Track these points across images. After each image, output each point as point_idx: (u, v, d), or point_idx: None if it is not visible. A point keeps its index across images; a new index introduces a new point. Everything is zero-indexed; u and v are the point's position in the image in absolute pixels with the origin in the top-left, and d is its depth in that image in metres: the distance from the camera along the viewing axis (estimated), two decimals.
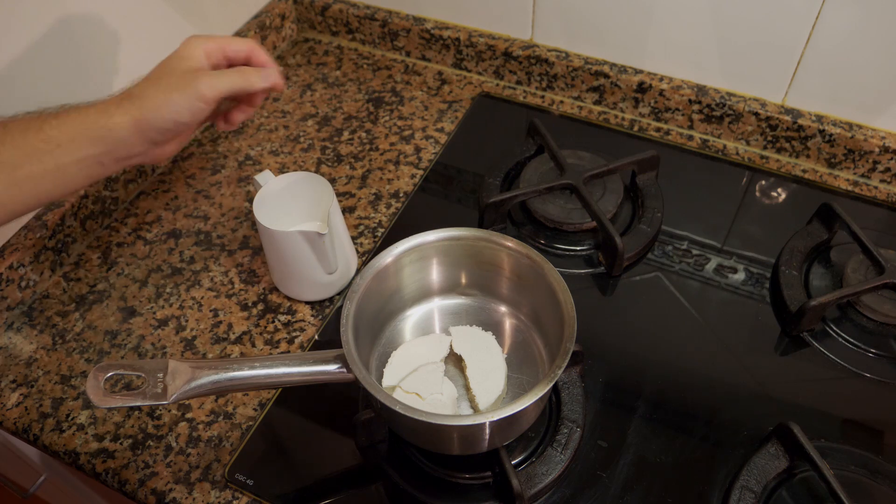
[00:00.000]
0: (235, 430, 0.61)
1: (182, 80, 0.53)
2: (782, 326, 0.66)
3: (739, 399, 0.61)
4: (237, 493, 0.57)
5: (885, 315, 0.65)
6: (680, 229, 0.74)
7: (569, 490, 0.56)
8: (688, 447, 0.58)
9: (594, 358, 0.64)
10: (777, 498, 0.55)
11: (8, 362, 0.66)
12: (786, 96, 0.79)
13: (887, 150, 0.76)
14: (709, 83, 0.82)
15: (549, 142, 0.77)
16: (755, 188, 0.78)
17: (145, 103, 0.51)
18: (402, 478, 0.57)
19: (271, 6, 0.95)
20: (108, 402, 0.47)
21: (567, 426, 0.58)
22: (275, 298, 0.70)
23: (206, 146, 0.85)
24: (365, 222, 0.76)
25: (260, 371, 0.51)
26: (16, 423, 0.62)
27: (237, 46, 0.57)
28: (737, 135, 0.82)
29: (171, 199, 0.79)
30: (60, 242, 0.73)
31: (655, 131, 0.85)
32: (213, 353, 0.66)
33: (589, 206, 0.71)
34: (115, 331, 0.68)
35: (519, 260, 0.59)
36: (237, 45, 0.57)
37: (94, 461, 0.59)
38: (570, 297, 0.54)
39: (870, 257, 0.66)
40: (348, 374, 0.51)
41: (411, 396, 0.56)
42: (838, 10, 0.70)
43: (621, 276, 0.70)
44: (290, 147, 0.84)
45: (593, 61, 0.85)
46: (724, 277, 0.70)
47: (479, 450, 0.54)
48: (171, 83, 0.53)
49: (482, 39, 0.89)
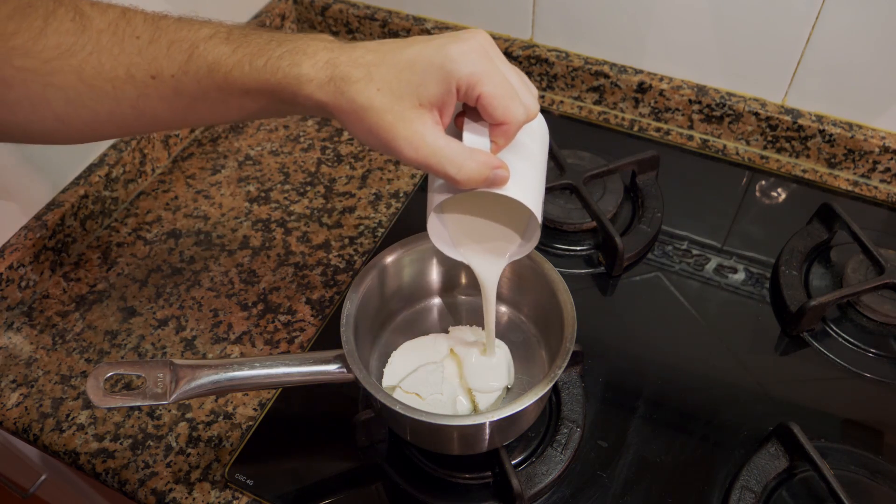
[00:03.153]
0: (235, 430, 0.61)
1: (414, 114, 0.41)
2: (782, 326, 0.66)
3: (739, 399, 0.61)
4: (237, 493, 0.57)
5: (885, 315, 0.65)
6: (680, 229, 0.74)
7: (569, 490, 0.56)
8: (688, 447, 0.58)
9: (594, 358, 0.63)
10: (777, 498, 0.55)
11: (8, 362, 0.66)
12: (786, 96, 0.79)
13: (887, 150, 0.76)
14: (709, 83, 0.82)
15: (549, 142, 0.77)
16: (755, 188, 0.78)
17: (354, 103, 0.41)
18: (402, 478, 0.57)
19: (271, 6, 0.95)
20: (108, 402, 0.47)
21: (567, 426, 0.58)
22: (275, 298, 0.70)
23: (206, 146, 0.85)
24: (365, 222, 0.76)
25: (260, 371, 0.51)
26: (16, 423, 0.62)
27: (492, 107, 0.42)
28: (737, 135, 0.82)
29: (171, 199, 0.79)
30: (60, 242, 0.73)
31: (655, 131, 0.85)
32: (213, 353, 0.66)
33: (589, 206, 0.71)
34: (115, 331, 0.68)
35: (519, 260, 0.59)
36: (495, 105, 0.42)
37: (94, 461, 0.59)
38: (570, 297, 0.54)
39: (870, 257, 0.66)
40: (348, 374, 0.51)
41: (411, 396, 0.56)
42: (838, 10, 0.70)
43: (621, 276, 0.70)
44: (290, 147, 0.84)
45: (593, 61, 0.85)
46: (724, 277, 0.70)
47: (479, 450, 0.54)
48: (403, 106, 0.41)
49: None
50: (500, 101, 0.41)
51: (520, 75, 0.44)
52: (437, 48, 0.41)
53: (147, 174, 0.81)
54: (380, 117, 0.41)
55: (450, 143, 0.42)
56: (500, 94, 0.41)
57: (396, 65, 0.41)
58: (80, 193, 0.74)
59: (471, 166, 0.42)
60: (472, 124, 0.44)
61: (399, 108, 0.41)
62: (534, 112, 0.44)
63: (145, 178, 0.81)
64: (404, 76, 0.41)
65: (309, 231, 0.75)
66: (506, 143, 0.44)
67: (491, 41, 0.43)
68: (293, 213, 0.77)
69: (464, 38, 0.41)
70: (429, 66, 0.40)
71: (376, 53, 0.41)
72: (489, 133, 0.43)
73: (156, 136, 0.80)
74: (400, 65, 0.41)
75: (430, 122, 0.42)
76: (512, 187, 0.44)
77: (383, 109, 0.41)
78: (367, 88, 0.41)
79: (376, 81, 0.41)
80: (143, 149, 0.79)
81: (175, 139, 0.83)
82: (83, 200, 0.74)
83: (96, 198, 0.75)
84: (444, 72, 0.40)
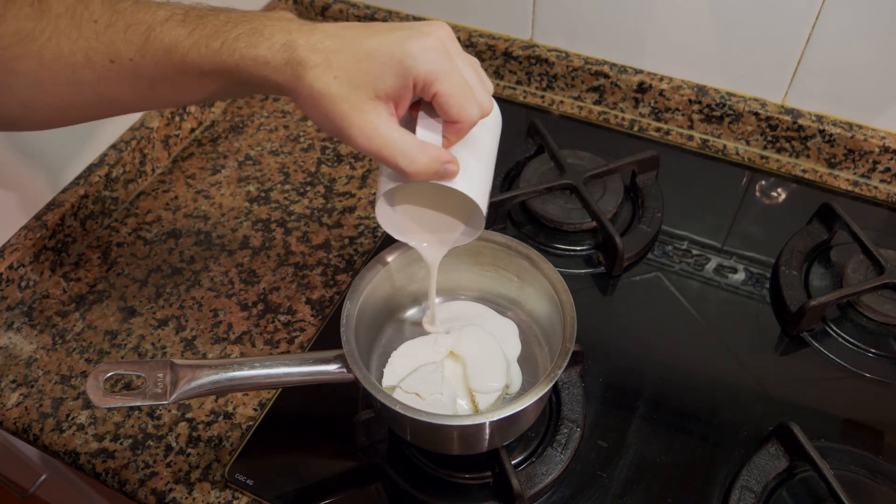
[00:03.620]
0: (235, 430, 0.61)
1: (369, 105, 0.41)
2: (782, 326, 0.66)
3: (739, 399, 0.61)
4: (237, 493, 0.57)
5: (885, 315, 0.65)
6: (680, 229, 0.74)
7: (569, 490, 0.56)
8: (688, 447, 0.58)
9: (594, 358, 0.63)
10: (777, 498, 0.55)
11: (8, 362, 0.66)
12: (786, 96, 0.79)
13: (887, 150, 0.76)
14: (709, 83, 0.82)
15: (549, 142, 0.77)
16: (755, 188, 0.78)
17: (311, 88, 0.41)
18: (402, 478, 0.57)
19: (271, 6, 0.95)
20: (108, 402, 0.47)
21: (567, 426, 0.58)
22: (275, 298, 0.70)
23: (206, 146, 0.85)
24: (365, 222, 0.76)
25: (260, 371, 0.51)
26: (16, 423, 0.62)
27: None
28: (737, 135, 0.82)
29: (171, 199, 0.79)
30: (60, 242, 0.73)
31: (655, 131, 0.85)
32: (213, 353, 0.66)
33: (589, 206, 0.71)
34: (115, 331, 0.68)
35: (519, 260, 0.59)
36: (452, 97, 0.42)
37: (94, 461, 0.59)
38: (570, 297, 0.54)
39: (870, 257, 0.66)
40: (348, 374, 0.51)
41: (411, 396, 0.56)
42: (838, 10, 0.70)
43: (621, 276, 0.70)
44: (290, 147, 0.84)
45: (593, 61, 0.85)
46: (724, 277, 0.70)
47: (479, 450, 0.54)
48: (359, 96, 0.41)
49: (482, 39, 0.89)
50: (455, 100, 0.42)
51: (476, 70, 0.45)
52: (397, 42, 0.41)
53: (147, 174, 0.81)
54: (335, 105, 0.41)
55: (403, 136, 0.42)
56: (456, 94, 0.41)
57: (356, 54, 0.41)
58: (80, 193, 0.74)
59: (422, 160, 0.42)
60: (426, 118, 0.45)
61: (355, 97, 0.41)
62: (488, 109, 0.44)
63: (145, 178, 0.81)
64: (362, 66, 0.41)
65: (309, 231, 0.75)
66: (458, 140, 0.45)
67: (451, 35, 0.43)
68: (293, 213, 0.77)
69: (425, 34, 0.41)
70: (388, 60, 0.41)
71: (336, 39, 0.41)
72: (442, 129, 0.44)
73: (156, 136, 0.81)
74: (359, 54, 0.41)
75: (385, 114, 0.42)
76: (460, 181, 0.45)
77: (339, 97, 0.41)
78: (324, 75, 0.41)
79: (334, 69, 0.41)
80: (143, 149, 0.79)
81: (175, 139, 0.83)
82: (83, 200, 0.74)
83: (96, 198, 0.75)
84: (403, 67, 0.41)
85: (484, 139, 0.48)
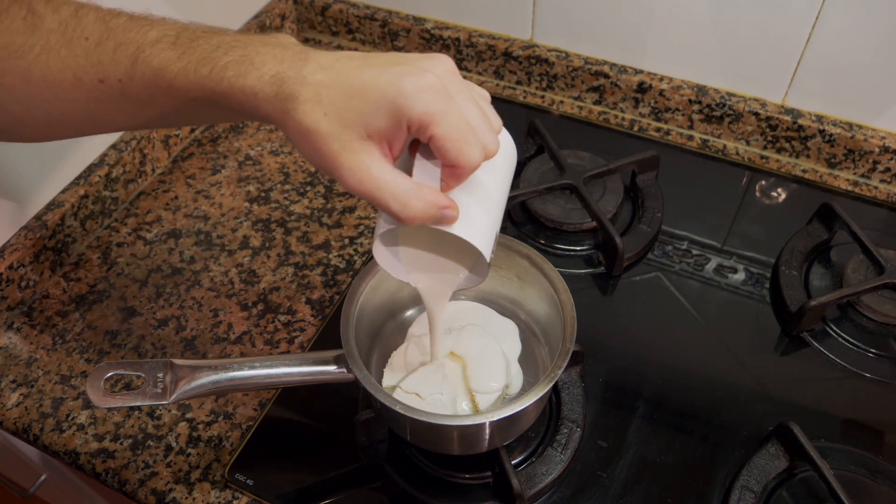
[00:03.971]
0: (235, 430, 0.61)
1: (360, 145, 0.39)
2: (782, 326, 0.66)
3: (739, 399, 0.61)
4: (237, 493, 0.57)
5: (885, 315, 0.65)
6: (680, 229, 0.74)
7: (569, 490, 0.56)
8: (688, 447, 0.58)
9: (594, 358, 0.63)
10: (777, 498, 0.55)
11: (8, 362, 0.66)
12: (786, 96, 0.79)
13: (887, 150, 0.76)
14: (709, 83, 0.82)
15: (549, 142, 0.77)
16: (755, 188, 0.78)
17: (300, 124, 0.38)
18: (402, 478, 0.57)
19: (271, 6, 0.95)
20: (108, 402, 0.47)
21: (567, 426, 0.58)
22: (275, 298, 0.70)
23: (206, 146, 0.85)
24: (365, 222, 0.76)
25: (260, 371, 0.51)
26: (16, 423, 0.62)
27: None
28: (737, 135, 0.82)
29: (171, 199, 0.79)
30: (60, 242, 0.73)
31: (655, 131, 0.85)
32: (213, 353, 0.66)
33: (589, 206, 0.71)
34: (115, 331, 0.68)
35: (519, 260, 0.59)
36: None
37: (94, 461, 0.59)
38: (570, 297, 0.54)
39: (870, 257, 0.66)
40: (348, 374, 0.51)
41: (411, 396, 0.56)
42: (838, 10, 0.70)
43: (621, 276, 0.70)
44: (290, 147, 0.84)
45: (593, 61, 0.85)
46: (724, 277, 0.70)
47: (479, 450, 0.54)
48: (349, 136, 0.38)
49: (482, 39, 0.89)
50: (453, 143, 0.38)
51: (480, 109, 0.41)
52: (391, 79, 0.38)
53: (147, 174, 0.81)
54: (325, 143, 0.39)
55: (396, 179, 0.39)
56: (454, 137, 0.38)
57: (348, 90, 0.38)
58: (80, 193, 0.74)
59: (416, 205, 0.39)
60: (424, 160, 0.41)
61: (346, 136, 0.38)
62: (492, 151, 0.41)
63: (145, 178, 0.81)
64: (354, 104, 0.38)
65: (309, 231, 0.75)
66: (457, 185, 0.41)
67: (453, 70, 0.40)
68: (293, 213, 0.77)
69: (422, 70, 0.38)
70: (381, 99, 0.38)
71: (329, 72, 0.39)
72: (441, 172, 0.41)
73: (156, 136, 0.81)
74: (351, 91, 0.38)
75: (377, 155, 0.39)
76: (460, 226, 0.41)
77: (329, 136, 0.38)
78: (314, 111, 0.38)
79: (324, 105, 0.38)
80: (143, 149, 0.80)
81: (175, 139, 0.84)
82: (83, 200, 0.74)
83: (96, 198, 0.75)
84: (395, 107, 0.37)
85: (488, 181, 0.44)
